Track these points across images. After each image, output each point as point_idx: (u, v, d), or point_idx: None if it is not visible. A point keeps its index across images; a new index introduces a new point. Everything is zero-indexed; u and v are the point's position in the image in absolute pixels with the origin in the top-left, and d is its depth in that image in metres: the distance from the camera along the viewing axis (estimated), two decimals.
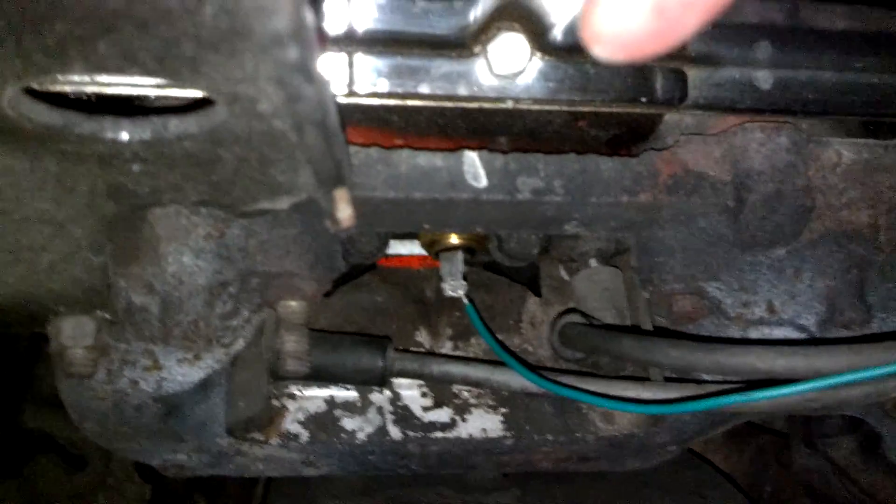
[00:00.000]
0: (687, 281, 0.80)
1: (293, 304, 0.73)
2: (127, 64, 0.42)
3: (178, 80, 0.44)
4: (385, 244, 0.92)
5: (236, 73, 0.43)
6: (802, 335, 0.82)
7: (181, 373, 0.76)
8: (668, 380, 0.81)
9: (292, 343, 0.74)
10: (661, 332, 0.84)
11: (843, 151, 0.80)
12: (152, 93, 0.58)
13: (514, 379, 0.83)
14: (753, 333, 0.82)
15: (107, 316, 0.70)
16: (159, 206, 0.66)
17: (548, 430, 0.95)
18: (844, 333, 0.83)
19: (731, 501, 1.20)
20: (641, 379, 0.80)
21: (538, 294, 1.01)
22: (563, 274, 1.02)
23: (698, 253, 0.79)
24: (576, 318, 0.88)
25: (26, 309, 0.66)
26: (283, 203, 0.61)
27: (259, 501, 1.19)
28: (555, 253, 0.98)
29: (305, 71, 0.41)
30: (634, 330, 0.85)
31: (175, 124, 0.52)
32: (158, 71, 0.43)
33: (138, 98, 0.60)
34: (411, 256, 1.05)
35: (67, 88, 0.53)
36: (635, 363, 0.84)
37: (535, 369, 0.80)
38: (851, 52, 0.75)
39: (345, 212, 0.56)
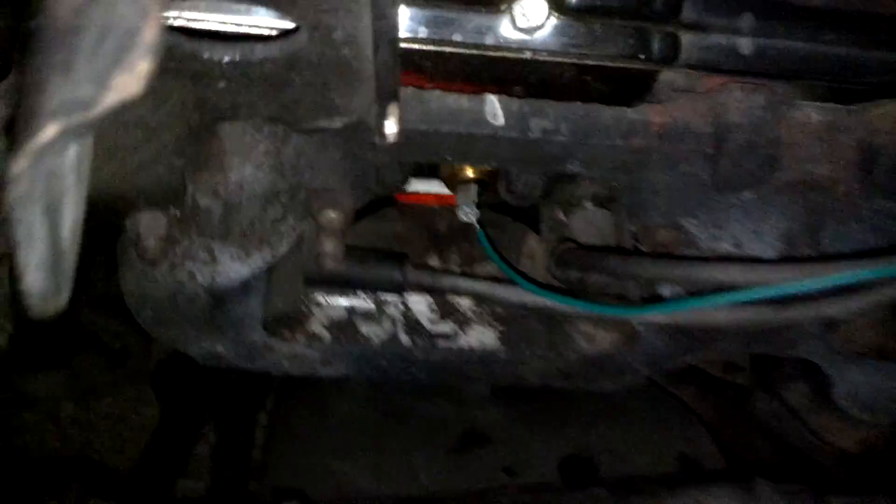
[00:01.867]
0: (668, 217, 0.93)
1: (332, 214, 0.86)
2: None
3: (278, 9, 0.56)
4: (407, 178, 1.04)
5: (323, 4, 0.55)
6: None
7: (233, 268, 0.89)
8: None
9: (330, 245, 0.86)
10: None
11: (811, 113, 0.92)
12: (253, 22, 0.70)
13: (514, 293, 0.96)
14: None
15: (177, 213, 0.82)
16: (233, 121, 0.77)
17: (537, 345, 1.08)
18: None
19: (693, 432, 1.34)
20: (620, 297, 0.94)
21: (538, 232, 1.14)
22: (561, 216, 1.15)
23: (679, 193, 0.92)
24: (570, 245, 1.01)
25: (114, 202, 0.78)
26: (336, 123, 0.73)
27: (273, 401, 1.32)
28: (554, 197, 1.11)
29: None
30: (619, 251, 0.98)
31: (260, 48, 0.65)
32: (266, 1, 0.55)
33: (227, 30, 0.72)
34: (428, 194, 1.18)
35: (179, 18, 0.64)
36: (619, 277, 0.96)
37: (534, 281, 0.93)
38: (823, 26, 0.88)
39: (393, 127, 0.69)
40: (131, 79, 0.33)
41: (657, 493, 1.00)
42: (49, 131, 0.32)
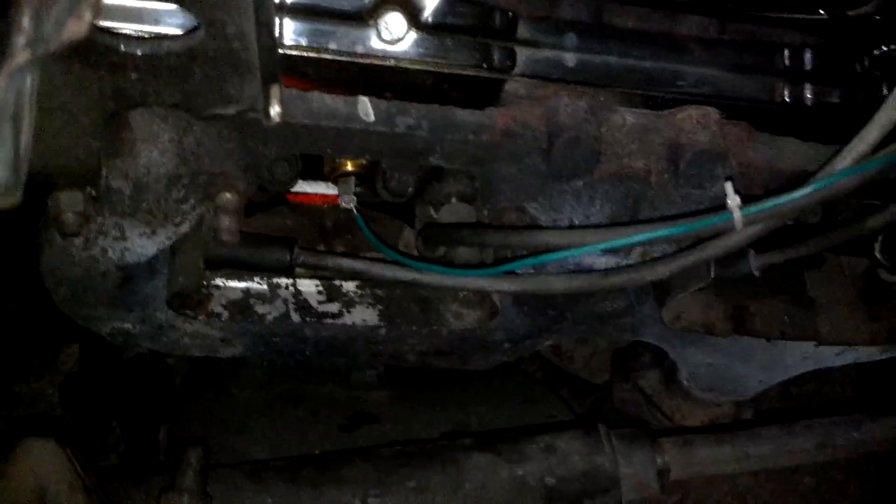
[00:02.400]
0: (514, 201, 1.12)
1: (228, 195, 1.01)
2: None
3: (181, 4, 0.72)
4: (296, 177, 1.20)
5: (218, 2, 0.72)
6: None
7: (140, 245, 1.03)
8: None
9: (227, 221, 1.01)
10: None
11: (627, 116, 1.12)
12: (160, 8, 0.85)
13: (390, 270, 1.12)
14: None
15: (93, 192, 0.96)
16: (142, 109, 0.92)
17: (413, 322, 1.25)
18: None
19: (557, 409, 1.53)
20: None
21: (412, 226, 1.32)
22: (431, 211, 1.33)
23: (523, 181, 1.11)
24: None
25: (37, 181, 0.91)
26: (230, 110, 0.89)
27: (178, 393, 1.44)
28: (426, 197, 1.29)
29: None
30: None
31: (167, 44, 0.81)
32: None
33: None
34: (314, 194, 1.34)
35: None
36: (471, 244, 1.14)
37: (406, 255, 1.11)
38: (635, 43, 1.09)
39: (276, 108, 0.85)
40: (79, 24, 0.49)
41: (517, 439, 1.17)
42: (21, 57, 0.47)
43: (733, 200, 0.97)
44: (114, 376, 1.71)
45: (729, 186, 0.97)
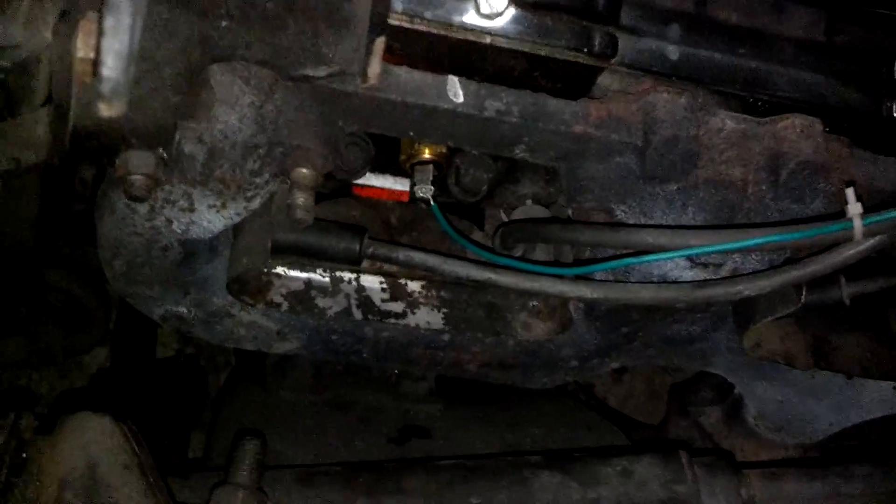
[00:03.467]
0: (601, 202, 1.05)
1: (305, 171, 0.94)
2: None
3: None
4: (367, 164, 1.14)
5: None
6: None
7: (208, 218, 0.96)
8: None
9: (302, 198, 0.94)
10: None
11: (726, 120, 1.06)
12: None
13: (462, 267, 1.05)
14: None
15: (164, 155, 0.90)
16: (227, 63, 0.86)
17: (479, 329, 1.17)
18: None
19: (614, 437, 1.44)
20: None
21: (482, 229, 1.25)
22: (503, 216, 1.26)
23: (612, 181, 1.04)
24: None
25: (107, 137, 0.85)
26: (321, 71, 0.83)
27: (220, 391, 1.36)
28: (497, 200, 1.22)
29: None
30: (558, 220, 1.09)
31: None
32: None
33: None
34: (382, 188, 1.28)
35: None
36: (559, 242, 1.07)
37: (483, 246, 1.03)
38: (739, 40, 1.03)
39: (376, 66, 0.79)
40: None
41: (589, 461, 1.08)
42: None
43: (855, 208, 0.89)
44: (146, 376, 1.64)
45: (851, 192, 0.90)
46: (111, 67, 0.45)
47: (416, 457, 1.21)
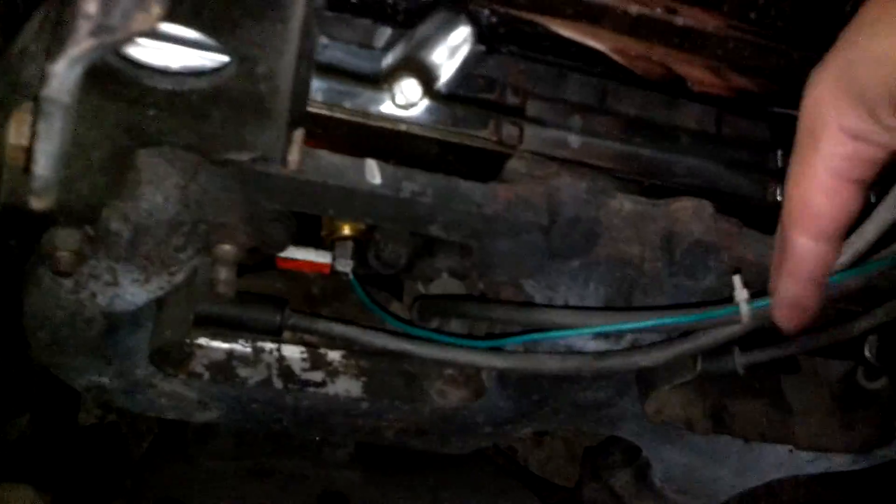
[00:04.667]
0: (511, 276, 1.12)
1: (227, 247, 0.99)
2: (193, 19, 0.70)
3: (218, 36, 0.72)
4: (290, 239, 1.19)
5: (255, 37, 0.72)
6: None
7: (132, 292, 1.00)
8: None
9: (224, 273, 0.99)
10: None
11: (624, 202, 1.14)
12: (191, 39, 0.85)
13: (380, 338, 1.10)
14: None
15: (90, 232, 0.94)
16: (153, 148, 0.91)
17: (397, 397, 1.22)
18: None
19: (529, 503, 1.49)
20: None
21: (401, 300, 1.31)
22: (421, 287, 1.32)
23: (520, 258, 1.11)
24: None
25: (35, 219, 0.88)
26: (244, 156, 0.89)
27: (142, 459, 1.37)
28: (415, 272, 1.28)
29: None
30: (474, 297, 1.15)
31: (191, 80, 0.80)
32: (208, 28, 0.71)
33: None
34: (304, 261, 1.33)
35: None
36: (474, 317, 1.13)
37: (403, 321, 1.09)
38: (635, 130, 1.12)
39: (296, 154, 0.85)
40: (148, 17, 0.48)
41: None
42: (86, 44, 0.47)
43: (741, 294, 0.97)
44: (67, 444, 1.63)
45: (738, 279, 0.98)
46: (43, 167, 0.49)
47: None
